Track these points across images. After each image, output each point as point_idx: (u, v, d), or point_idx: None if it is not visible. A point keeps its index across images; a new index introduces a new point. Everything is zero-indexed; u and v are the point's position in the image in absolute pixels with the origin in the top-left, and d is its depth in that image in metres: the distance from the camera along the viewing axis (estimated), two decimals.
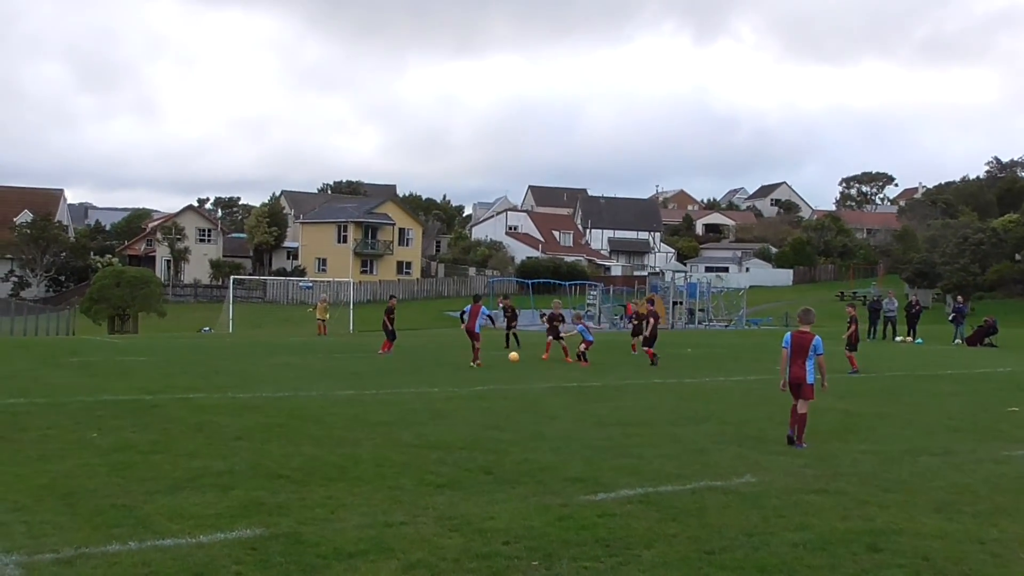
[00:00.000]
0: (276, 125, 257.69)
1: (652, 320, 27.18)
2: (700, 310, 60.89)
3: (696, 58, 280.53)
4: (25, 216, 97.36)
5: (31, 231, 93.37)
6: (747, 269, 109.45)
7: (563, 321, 28.97)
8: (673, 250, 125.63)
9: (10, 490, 9.04)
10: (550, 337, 27.87)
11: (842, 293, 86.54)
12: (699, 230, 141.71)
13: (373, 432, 13.12)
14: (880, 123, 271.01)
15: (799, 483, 10.10)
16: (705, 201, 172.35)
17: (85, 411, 14.58)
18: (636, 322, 29.10)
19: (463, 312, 27.91)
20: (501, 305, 34.50)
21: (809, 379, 12.66)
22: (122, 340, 38.92)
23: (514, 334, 33.68)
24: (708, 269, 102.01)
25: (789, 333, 13.04)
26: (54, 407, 15.01)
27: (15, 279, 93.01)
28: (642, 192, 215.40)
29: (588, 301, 64.01)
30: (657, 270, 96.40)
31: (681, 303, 60.29)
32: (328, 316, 47.25)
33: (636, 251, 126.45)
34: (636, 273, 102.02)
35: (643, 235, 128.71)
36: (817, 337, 12.89)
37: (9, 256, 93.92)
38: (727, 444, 12.69)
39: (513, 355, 26.35)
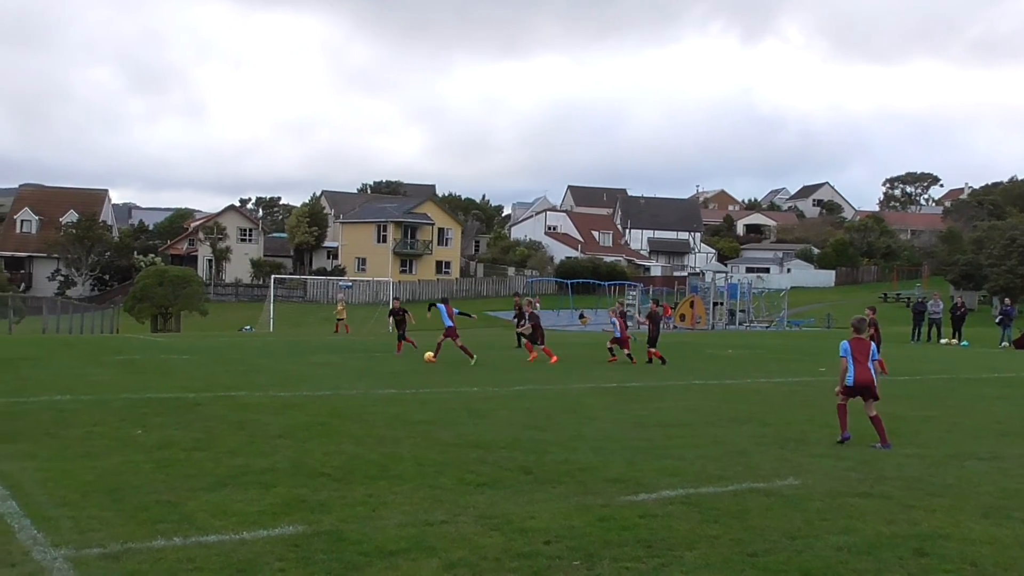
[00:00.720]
0: (320, 126, 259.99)
1: (648, 322, 27.41)
2: (741, 311, 60.59)
3: (743, 58, 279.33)
4: (71, 216, 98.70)
5: (76, 231, 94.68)
6: (788, 270, 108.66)
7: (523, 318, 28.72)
8: (713, 250, 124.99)
9: (58, 486, 9.15)
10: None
11: (885, 295, 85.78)
12: (740, 230, 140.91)
13: (413, 431, 13.15)
14: (928, 123, 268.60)
15: (843, 486, 9.99)
16: (746, 201, 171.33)
17: (129, 408, 14.74)
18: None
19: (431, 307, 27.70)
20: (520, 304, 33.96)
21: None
22: (165, 339, 39.33)
23: (519, 334, 32.99)
24: (749, 270, 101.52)
25: (847, 341, 13.08)
26: (99, 404, 15.18)
27: (61, 278, 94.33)
28: (682, 192, 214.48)
29: (627, 301, 63.86)
30: (697, 270, 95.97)
31: (721, 304, 60.04)
32: (346, 316, 47.73)
33: (676, 251, 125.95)
34: (676, 273, 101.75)
35: (683, 235, 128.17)
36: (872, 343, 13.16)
37: (55, 255, 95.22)
38: (769, 446, 12.59)
39: (428, 354, 25.26)
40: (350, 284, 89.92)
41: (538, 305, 31.15)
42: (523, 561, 7.06)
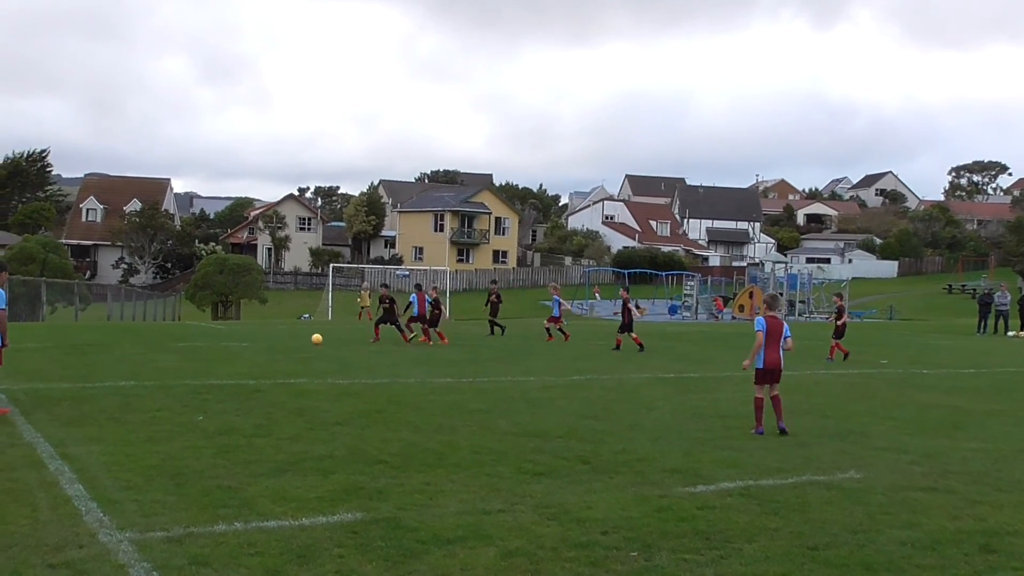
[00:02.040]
0: (385, 116, 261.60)
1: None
2: (800, 302, 59.89)
3: (813, 45, 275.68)
4: (134, 205, 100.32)
5: (140, 219, 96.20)
6: (850, 260, 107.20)
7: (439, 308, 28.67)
8: (773, 240, 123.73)
9: (122, 469, 9.30)
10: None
11: (950, 286, 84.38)
12: (800, 220, 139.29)
13: (470, 419, 13.18)
14: (1002, 111, 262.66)
15: (906, 480, 9.83)
16: (806, 191, 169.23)
17: (191, 394, 14.94)
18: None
19: (409, 304, 27.82)
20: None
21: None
22: (225, 326, 39.80)
23: (490, 320, 32.73)
24: (809, 260, 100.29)
25: (762, 318, 12.83)
26: (162, 390, 15.41)
27: (125, 266, 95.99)
28: (742, 181, 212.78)
29: (685, 292, 63.46)
30: (756, 261, 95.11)
31: (781, 294, 59.39)
32: (370, 303, 47.98)
33: (735, 241, 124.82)
34: (735, 264, 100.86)
35: (742, 225, 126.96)
36: (785, 323, 12.95)
37: (119, 244, 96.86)
38: (829, 438, 12.44)
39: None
40: (407, 273, 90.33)
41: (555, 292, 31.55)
42: (580, 551, 7.05)
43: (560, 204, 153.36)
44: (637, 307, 61.88)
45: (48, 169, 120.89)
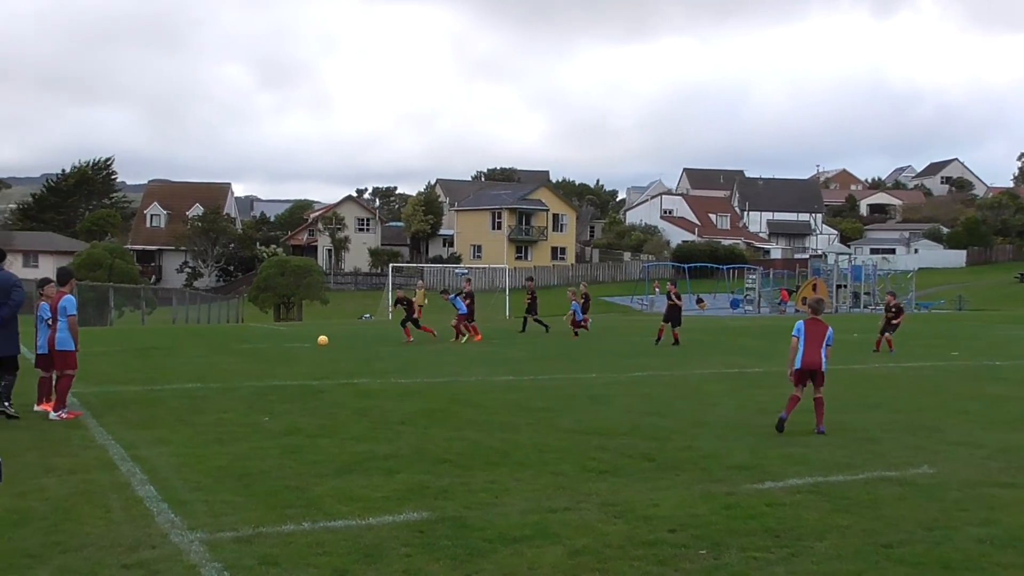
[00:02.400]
0: (442, 116, 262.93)
1: None
2: (865, 293, 59.12)
3: (874, 33, 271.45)
4: (196, 210, 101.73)
5: (202, 224, 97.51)
6: (915, 250, 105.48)
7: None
8: (835, 232, 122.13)
9: (191, 471, 9.42)
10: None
11: (1021, 275, 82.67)
12: (863, 210, 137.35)
13: (532, 418, 13.16)
14: None
15: (982, 476, 9.61)
16: (869, 181, 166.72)
17: (256, 396, 15.10)
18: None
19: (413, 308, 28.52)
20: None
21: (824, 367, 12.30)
22: (287, 327, 40.21)
23: (534, 319, 32.82)
24: (873, 251, 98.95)
25: (801, 322, 12.45)
26: (228, 392, 15.60)
27: (189, 270, 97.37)
28: (802, 173, 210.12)
29: (747, 285, 62.90)
30: (819, 252, 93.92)
31: (845, 286, 58.67)
32: (426, 302, 48.07)
33: (796, 233, 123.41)
34: (797, 256, 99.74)
35: (804, 217, 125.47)
36: (830, 328, 12.46)
37: (183, 248, 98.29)
38: (900, 433, 12.22)
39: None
40: (466, 271, 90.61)
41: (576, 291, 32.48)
42: (647, 549, 6.99)
43: (618, 199, 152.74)
44: (699, 301, 61.43)
45: (113, 177, 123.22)
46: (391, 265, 70.64)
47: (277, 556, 6.68)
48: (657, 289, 74.17)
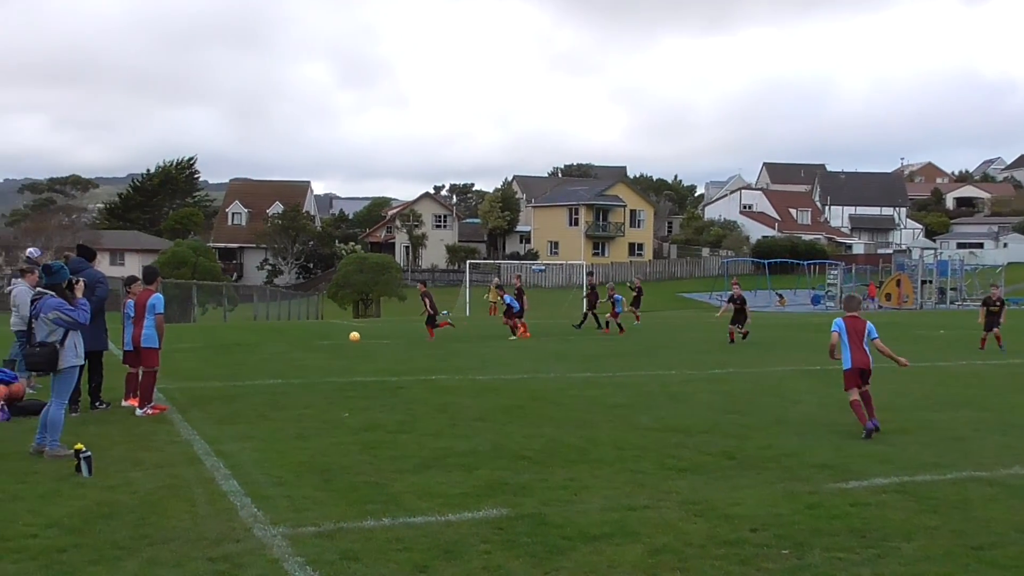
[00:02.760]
0: (521, 112, 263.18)
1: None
2: (952, 289, 57.82)
3: (965, 21, 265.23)
4: (276, 208, 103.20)
5: (282, 221, 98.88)
6: (1005, 245, 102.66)
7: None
8: (920, 226, 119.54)
9: (273, 466, 9.55)
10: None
11: None
12: (949, 204, 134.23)
13: (611, 415, 13.10)
14: None
15: None
16: (955, 173, 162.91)
17: (336, 392, 15.27)
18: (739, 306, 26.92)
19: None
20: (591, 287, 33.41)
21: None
22: (366, 324, 40.58)
23: (590, 313, 32.91)
24: (960, 245, 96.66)
25: (840, 319, 12.07)
26: (308, 388, 15.80)
27: (269, 267, 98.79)
28: (885, 166, 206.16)
29: (828, 281, 61.94)
30: (903, 247, 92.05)
31: (930, 282, 57.45)
32: (499, 299, 48.09)
33: (879, 228, 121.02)
34: (880, 251, 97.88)
35: (887, 211, 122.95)
36: (869, 323, 12.04)
37: (263, 246, 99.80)
38: (989, 432, 11.92)
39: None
40: (543, 268, 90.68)
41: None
42: (729, 548, 6.91)
43: (696, 195, 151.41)
44: (780, 298, 60.57)
45: (196, 176, 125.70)
46: (468, 262, 70.93)
47: (358, 551, 6.74)
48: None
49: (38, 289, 10.51)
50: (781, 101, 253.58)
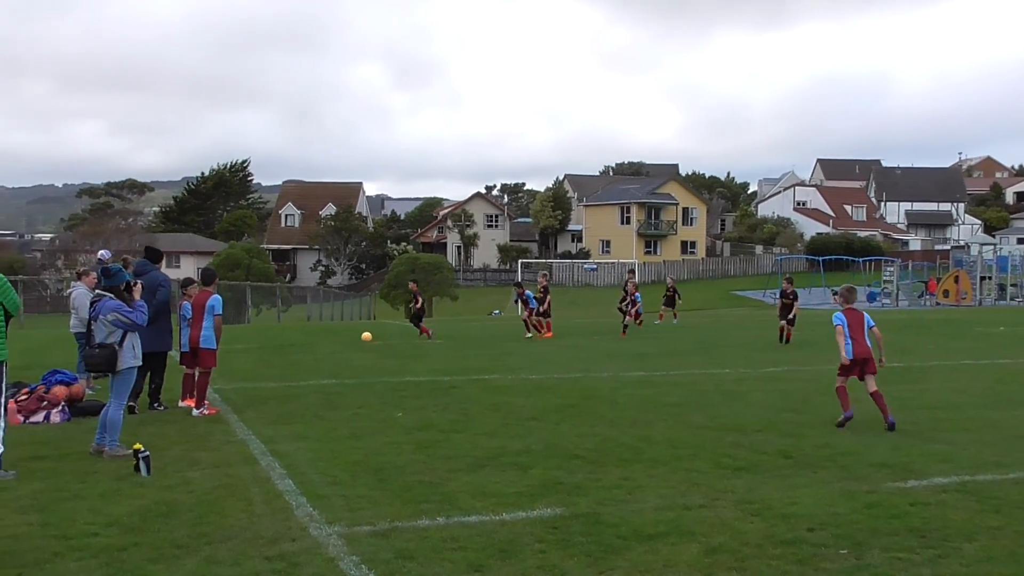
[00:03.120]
0: (573, 111, 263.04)
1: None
2: (1012, 285, 56.79)
3: None
4: (329, 209, 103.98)
5: (335, 223, 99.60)
6: None
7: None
8: (979, 221, 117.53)
9: (328, 465, 9.61)
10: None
11: None
12: (1009, 199, 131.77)
13: (665, 413, 13.03)
14: None
15: None
16: (1016, 167, 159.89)
17: (390, 391, 15.34)
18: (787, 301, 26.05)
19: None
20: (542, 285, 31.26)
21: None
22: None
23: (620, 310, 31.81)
24: (1021, 241, 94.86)
25: (840, 313, 12.28)
26: (362, 387, 15.89)
27: (322, 268, 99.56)
28: (942, 161, 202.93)
29: (884, 278, 61.14)
30: (961, 243, 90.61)
31: (990, 278, 56.47)
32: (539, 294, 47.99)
33: (937, 224, 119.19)
34: (937, 247, 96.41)
35: (944, 206, 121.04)
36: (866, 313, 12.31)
37: (316, 247, 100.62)
38: None
39: (366, 335, 26.54)
40: (595, 267, 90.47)
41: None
42: (786, 548, 6.83)
43: (749, 192, 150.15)
44: (835, 294, 59.98)
45: (249, 178, 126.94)
46: (520, 261, 70.98)
47: (413, 550, 6.76)
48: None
49: (97, 291, 10.68)
50: (837, 97, 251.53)
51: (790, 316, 25.58)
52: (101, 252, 16.05)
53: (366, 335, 26.02)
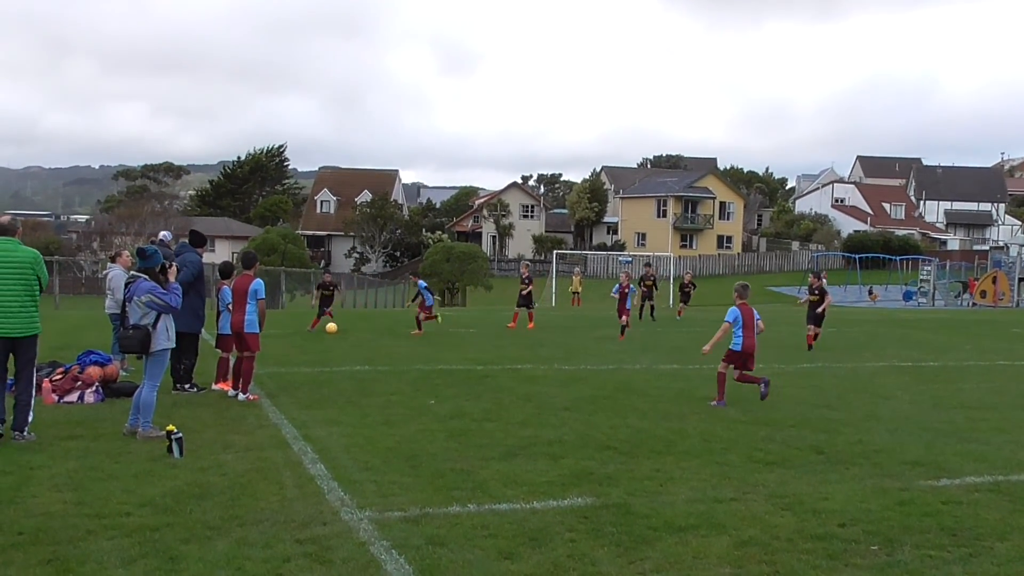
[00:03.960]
0: (615, 103, 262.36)
1: None
2: None
3: None
4: (365, 196, 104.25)
5: (370, 210, 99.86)
6: None
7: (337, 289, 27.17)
8: (1020, 222, 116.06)
9: (361, 451, 9.67)
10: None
11: None
12: None
13: (698, 407, 13.00)
14: None
15: None
16: None
17: (423, 379, 15.40)
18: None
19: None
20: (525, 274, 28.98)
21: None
22: (452, 312, 40.82)
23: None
24: None
25: (735, 307, 13.23)
26: (395, 375, 15.96)
27: (357, 255, 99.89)
28: (984, 160, 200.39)
29: (921, 277, 60.58)
30: (1001, 244, 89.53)
31: None
32: (581, 289, 48.41)
33: (976, 224, 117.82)
34: (976, 247, 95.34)
35: (985, 207, 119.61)
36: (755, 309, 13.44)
37: (351, 234, 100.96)
38: None
39: (331, 326, 24.60)
40: (630, 259, 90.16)
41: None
42: (817, 543, 6.81)
43: (787, 188, 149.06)
44: (870, 293, 59.40)
45: (285, 163, 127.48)
46: (555, 252, 70.81)
47: (444, 537, 6.79)
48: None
49: (132, 272, 10.77)
50: (883, 94, 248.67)
51: (818, 311, 22.55)
52: (163, 233, 16.27)
53: (331, 326, 24.64)
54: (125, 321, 10.50)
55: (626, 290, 25.17)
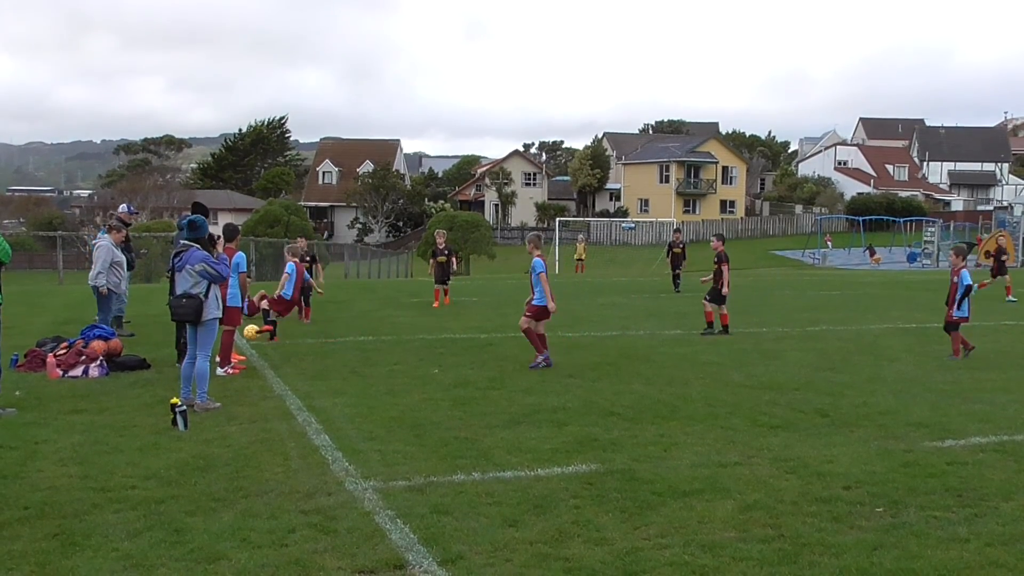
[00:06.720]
0: (620, 68, 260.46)
1: None
2: None
3: None
4: (367, 167, 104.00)
5: (372, 180, 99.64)
6: None
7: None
8: None
9: (365, 421, 9.68)
10: None
11: None
12: None
13: (702, 372, 12.99)
14: None
15: None
16: None
17: (427, 348, 15.39)
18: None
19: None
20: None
21: None
22: (456, 281, 40.78)
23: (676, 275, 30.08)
24: None
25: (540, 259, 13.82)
26: (399, 344, 15.95)
27: (359, 225, 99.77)
28: (987, 120, 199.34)
29: (925, 238, 60.47)
30: (1005, 204, 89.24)
31: None
32: (586, 255, 48.47)
33: (980, 184, 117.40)
34: (980, 208, 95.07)
35: (988, 167, 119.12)
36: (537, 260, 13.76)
37: (354, 204, 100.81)
38: None
39: (250, 327, 17.41)
40: (632, 225, 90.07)
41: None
42: (822, 506, 6.81)
43: (789, 151, 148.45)
44: (872, 254, 59.30)
45: (287, 135, 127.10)
46: (558, 219, 70.67)
47: (448, 505, 6.80)
48: (829, 243, 72.24)
49: (183, 242, 10.61)
50: (888, 59, 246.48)
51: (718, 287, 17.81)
52: (122, 207, 16.50)
53: (250, 328, 17.30)
54: (173, 290, 10.44)
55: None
